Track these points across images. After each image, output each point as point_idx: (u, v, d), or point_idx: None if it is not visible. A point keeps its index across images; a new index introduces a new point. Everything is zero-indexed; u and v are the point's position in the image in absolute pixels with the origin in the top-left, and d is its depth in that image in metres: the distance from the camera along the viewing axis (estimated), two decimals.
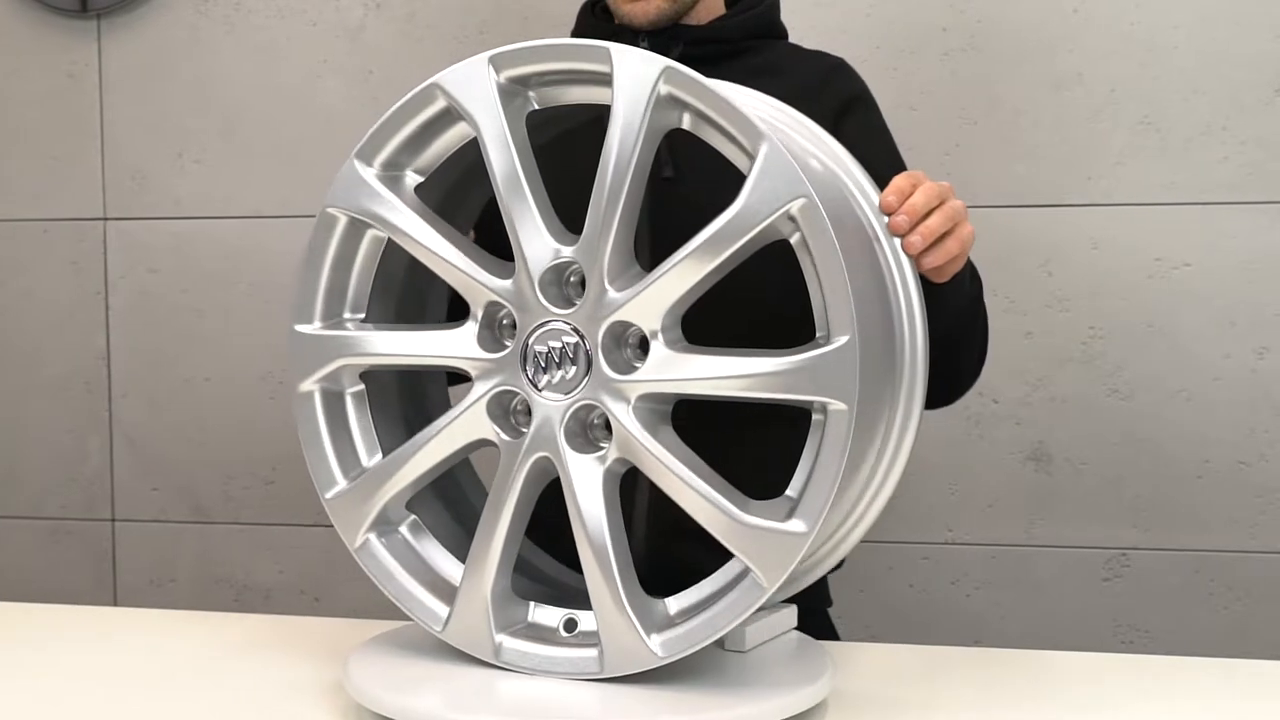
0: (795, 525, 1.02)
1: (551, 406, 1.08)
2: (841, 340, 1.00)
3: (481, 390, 1.11)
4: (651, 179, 1.38)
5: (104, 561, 2.34)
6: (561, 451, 1.08)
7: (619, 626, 1.06)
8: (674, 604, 1.10)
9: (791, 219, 1.02)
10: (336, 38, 2.20)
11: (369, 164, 1.16)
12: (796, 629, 1.24)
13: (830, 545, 1.19)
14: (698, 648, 1.05)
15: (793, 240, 1.03)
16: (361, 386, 1.21)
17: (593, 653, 1.09)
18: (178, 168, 2.26)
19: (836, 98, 1.44)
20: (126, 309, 2.29)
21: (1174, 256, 2.00)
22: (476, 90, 1.11)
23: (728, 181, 1.07)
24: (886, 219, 1.14)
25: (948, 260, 1.17)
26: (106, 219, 2.29)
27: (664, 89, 1.05)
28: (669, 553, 1.35)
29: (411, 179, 1.17)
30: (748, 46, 1.48)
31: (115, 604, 2.33)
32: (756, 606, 1.03)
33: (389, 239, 1.17)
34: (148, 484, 2.31)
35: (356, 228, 1.18)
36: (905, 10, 2.04)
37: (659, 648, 1.06)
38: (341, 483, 1.18)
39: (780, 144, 1.01)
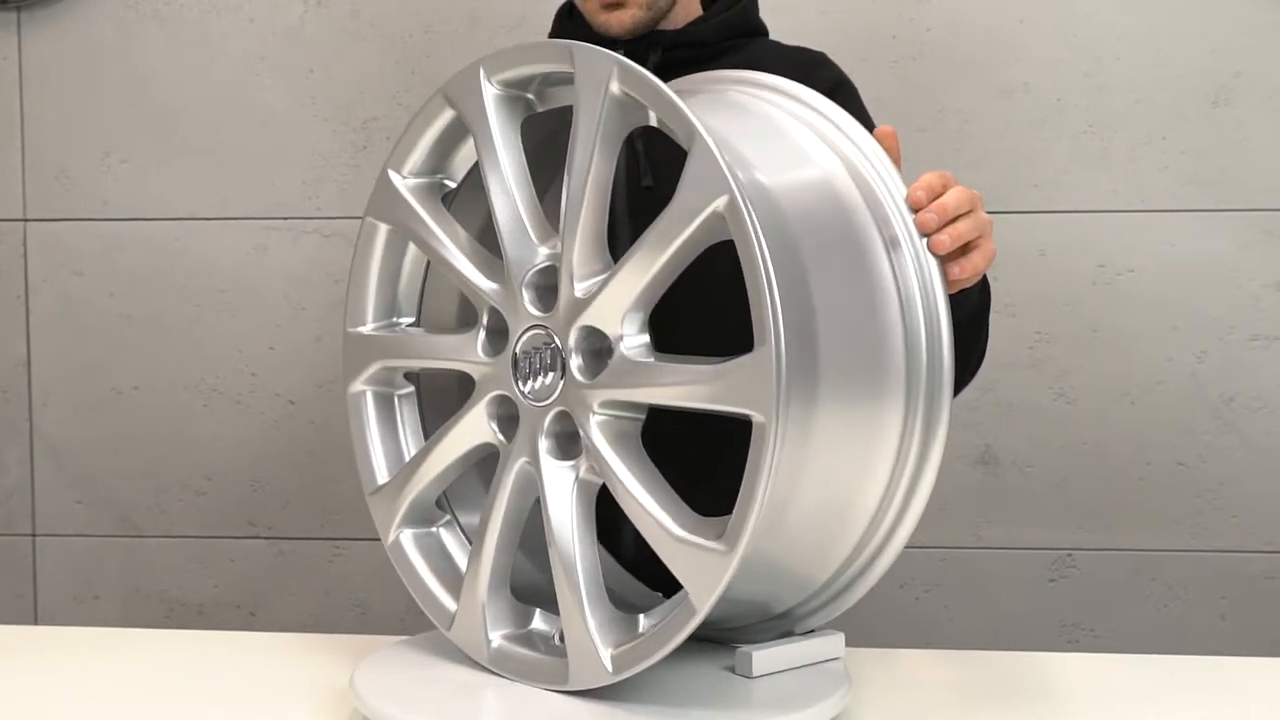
0: (719, 544, 0.97)
1: (535, 412, 1.08)
2: (760, 350, 0.94)
3: (480, 395, 1.12)
4: (632, 187, 1.37)
5: (24, 578, 2.23)
6: (540, 459, 1.07)
7: (582, 639, 1.04)
8: (645, 621, 1.06)
9: (723, 217, 0.97)
10: (274, 35, 2.13)
11: (400, 172, 1.17)
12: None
13: (851, 574, 1.14)
14: (642, 667, 1.01)
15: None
16: (411, 388, 1.24)
17: (560, 661, 1.07)
18: (105, 167, 2.17)
19: (819, 87, 1.44)
20: (49, 314, 2.20)
21: (1117, 262, 2.04)
22: (472, 95, 1.11)
23: None
24: (913, 217, 1.10)
25: (974, 275, 1.13)
26: (27, 220, 2.19)
27: (616, 88, 1.03)
28: (657, 560, 1.34)
29: (443, 185, 1.18)
30: (728, 47, 1.47)
31: (36, 623, 2.23)
32: (690, 629, 0.98)
33: None
34: (71, 497, 2.22)
35: (398, 234, 1.19)
36: (855, 18, 2.05)
37: (610, 664, 1.03)
38: (377, 482, 1.21)
39: (709, 140, 0.96)
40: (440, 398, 1.25)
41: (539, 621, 1.15)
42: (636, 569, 1.34)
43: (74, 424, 2.20)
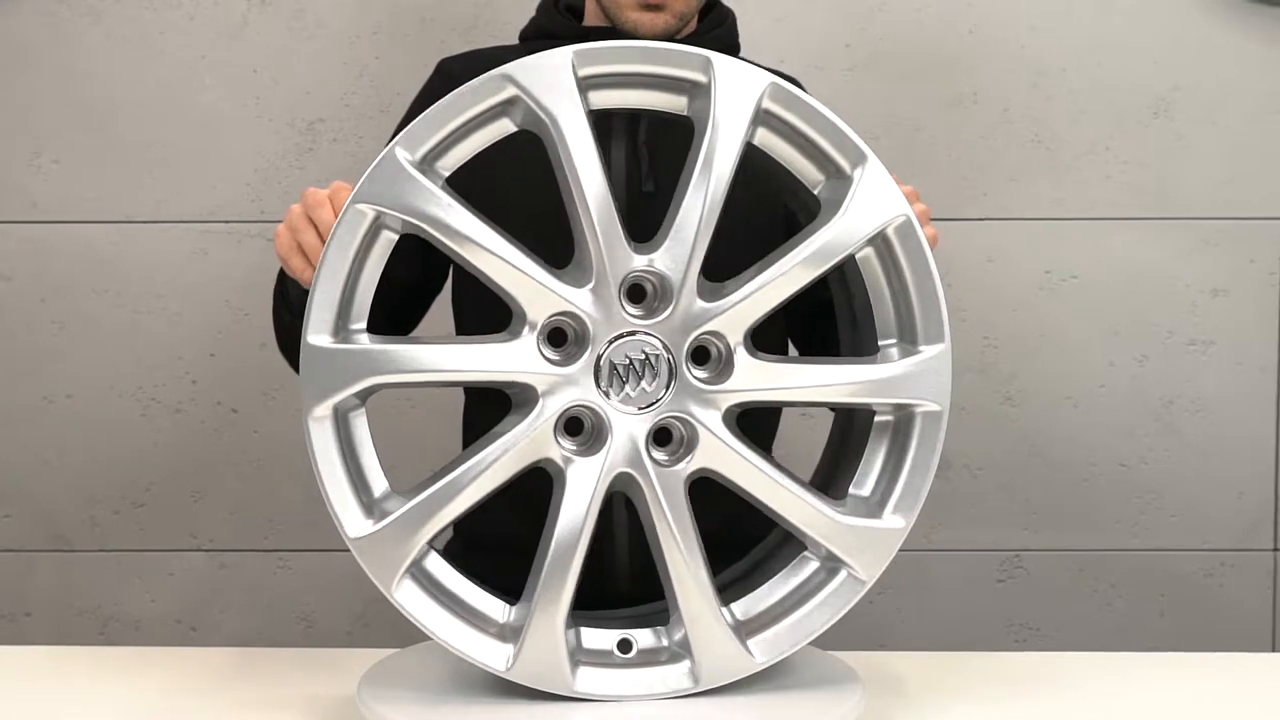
0: (895, 521, 1.11)
1: (633, 420, 1.06)
2: (938, 347, 1.13)
3: (555, 407, 1.06)
4: (632, 191, 1.37)
5: None
6: (646, 466, 1.06)
7: (714, 637, 1.07)
8: (740, 610, 1.11)
9: (878, 236, 1.09)
10: (216, 33, 2.07)
11: (412, 156, 1.06)
12: None
13: None
14: (798, 648, 1.10)
15: (859, 255, 1.06)
16: (363, 407, 1.11)
17: (679, 668, 1.08)
18: (34, 168, 2.08)
19: None
20: None
21: (1062, 269, 2.09)
22: (557, 85, 1.06)
23: None
24: None
25: None
26: None
27: (767, 104, 1.08)
28: (649, 565, 1.34)
29: (440, 175, 1.10)
30: None
31: None
32: (856, 600, 1.11)
33: (398, 241, 1.09)
34: None
35: (376, 228, 1.08)
36: (809, 26, 2.07)
37: (758, 653, 1.08)
38: (367, 520, 1.06)
39: (881, 164, 1.07)
40: None
41: (589, 639, 1.11)
42: (631, 574, 1.34)
43: (2, 434, 2.11)
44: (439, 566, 1.11)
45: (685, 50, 1.07)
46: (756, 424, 1.48)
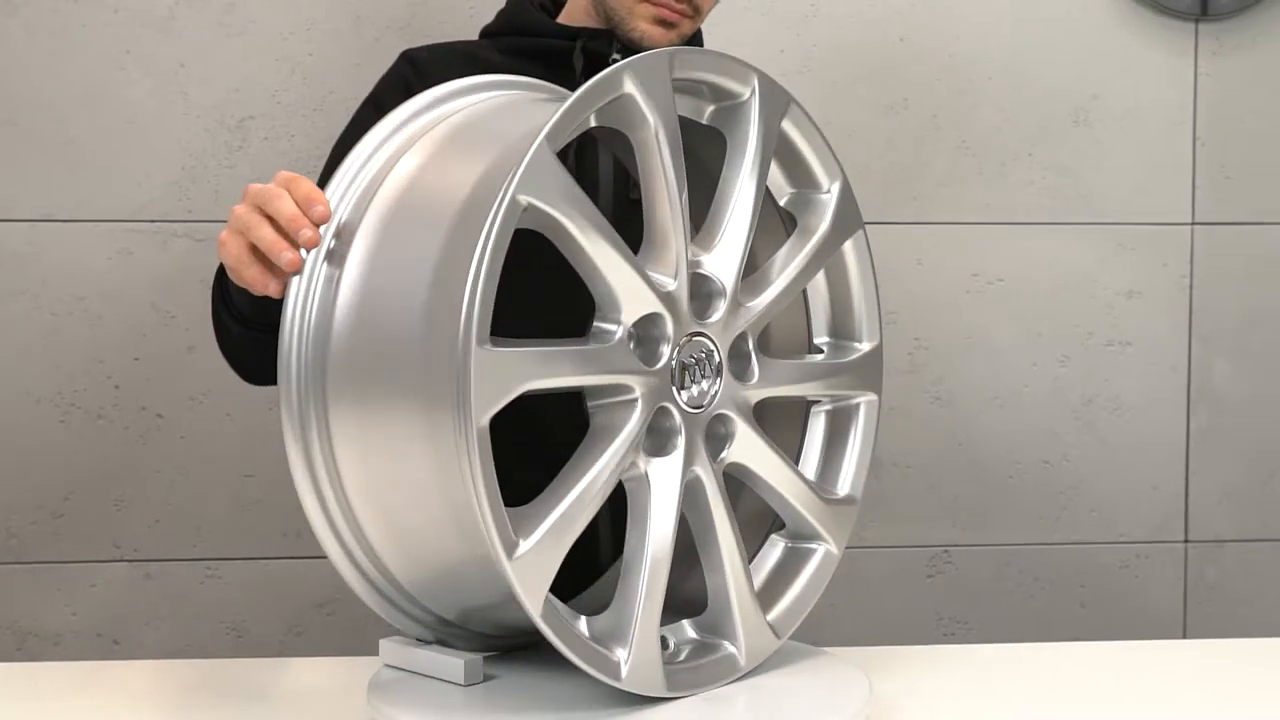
0: (852, 497, 1.22)
1: (696, 420, 1.07)
2: (874, 343, 1.26)
3: (648, 409, 1.03)
4: (619, 198, 1.37)
5: None
6: (708, 464, 1.08)
7: (752, 621, 1.11)
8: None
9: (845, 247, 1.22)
10: (142, 26, 2.01)
11: (553, 149, 0.99)
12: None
13: None
14: (800, 622, 1.17)
15: None
16: None
17: (726, 655, 1.10)
18: None
19: None
20: None
21: (989, 272, 2.15)
22: (660, 86, 1.04)
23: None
24: None
25: None
26: None
27: (785, 122, 1.13)
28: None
29: None
30: None
31: None
32: (832, 571, 1.20)
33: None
34: None
35: (529, 220, 1.00)
36: (742, 31, 2.09)
37: (780, 630, 1.14)
38: (518, 540, 0.97)
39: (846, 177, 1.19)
40: None
41: None
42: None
43: None
44: None
45: (744, 63, 1.10)
46: None
